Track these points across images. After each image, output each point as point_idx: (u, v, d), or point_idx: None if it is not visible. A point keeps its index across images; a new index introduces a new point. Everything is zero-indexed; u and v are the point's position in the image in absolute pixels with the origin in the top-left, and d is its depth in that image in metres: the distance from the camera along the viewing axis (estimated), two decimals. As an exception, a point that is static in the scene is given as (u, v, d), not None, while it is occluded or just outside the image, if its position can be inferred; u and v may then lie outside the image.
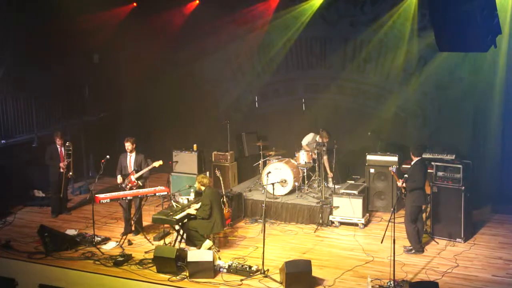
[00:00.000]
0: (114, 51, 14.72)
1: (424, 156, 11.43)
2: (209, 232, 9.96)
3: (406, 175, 9.90)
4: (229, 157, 13.53)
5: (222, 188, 11.66)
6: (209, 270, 9.04)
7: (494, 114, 11.97)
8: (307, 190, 12.44)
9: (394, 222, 8.60)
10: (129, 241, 10.62)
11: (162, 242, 10.38)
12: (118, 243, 10.54)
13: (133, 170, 11.04)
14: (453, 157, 11.52)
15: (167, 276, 9.10)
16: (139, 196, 10.89)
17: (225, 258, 9.68)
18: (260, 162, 12.98)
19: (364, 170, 12.29)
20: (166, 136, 15.02)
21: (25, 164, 13.14)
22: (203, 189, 10.01)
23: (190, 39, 14.50)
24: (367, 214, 11.59)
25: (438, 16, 6.87)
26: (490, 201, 11.93)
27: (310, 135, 12.92)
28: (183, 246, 10.17)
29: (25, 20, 12.77)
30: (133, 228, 11.08)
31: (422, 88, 12.91)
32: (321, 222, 11.36)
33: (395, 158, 11.92)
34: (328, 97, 13.74)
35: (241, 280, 8.94)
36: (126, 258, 9.70)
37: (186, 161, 13.34)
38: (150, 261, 9.55)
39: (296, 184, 12.24)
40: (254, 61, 14.53)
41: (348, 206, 11.23)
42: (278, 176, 12.07)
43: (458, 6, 6.59)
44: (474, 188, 10.72)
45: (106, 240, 10.72)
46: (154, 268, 9.36)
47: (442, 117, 12.79)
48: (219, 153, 13.68)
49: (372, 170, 12.07)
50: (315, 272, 8.94)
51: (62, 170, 12.08)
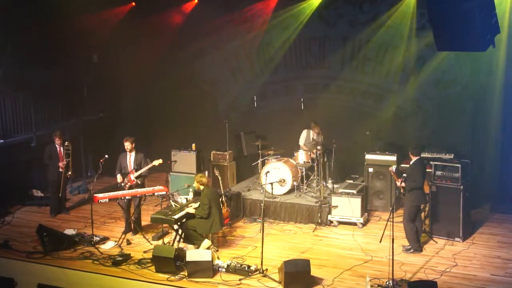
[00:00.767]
0: (113, 51, 14.71)
1: (423, 155, 11.45)
2: (207, 231, 9.96)
3: (405, 175, 9.90)
4: (227, 156, 13.53)
5: (221, 187, 11.66)
6: (207, 269, 9.04)
7: (493, 114, 11.96)
8: (306, 189, 12.44)
9: (393, 222, 8.62)
10: (127, 240, 10.61)
11: (160, 242, 10.38)
12: (116, 243, 10.53)
13: (132, 169, 11.06)
14: (451, 156, 11.54)
15: (166, 275, 9.10)
16: (138, 195, 10.89)
17: (224, 258, 9.68)
18: (258, 161, 12.97)
19: (363, 170, 12.30)
20: (165, 135, 15.02)
21: (23, 163, 13.14)
22: (202, 188, 10.00)
23: (189, 39, 14.50)
24: (366, 214, 11.59)
25: (437, 15, 6.86)
26: (489, 200, 11.93)
27: (304, 132, 12.97)
28: (182, 245, 10.16)
29: (24, 20, 12.75)
30: (132, 227, 11.08)
31: (421, 87, 12.91)
32: (319, 221, 11.36)
33: (394, 158, 11.93)
34: (327, 96, 13.73)
35: (240, 279, 8.94)
36: (125, 258, 9.69)
37: (185, 160, 13.34)
38: (149, 260, 9.54)
39: (294, 183, 12.24)
40: (253, 60, 14.53)
41: (347, 206, 11.24)
42: (276, 175, 12.07)
43: (457, 6, 6.59)
44: (473, 187, 10.72)
45: (104, 239, 10.71)
46: (153, 267, 9.36)
47: (441, 116, 12.79)
48: (218, 152, 13.69)
49: (370, 170, 12.08)
50: (314, 271, 8.94)
51: (61, 170, 12.09)
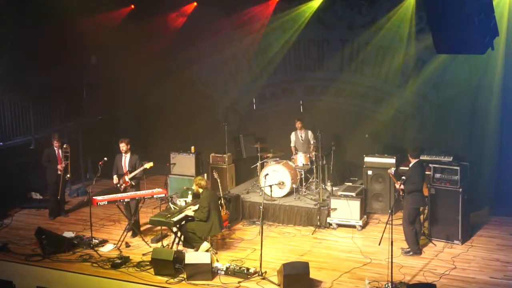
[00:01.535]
0: (112, 53, 14.71)
1: (422, 158, 11.45)
2: (206, 234, 9.95)
3: (403, 177, 9.90)
4: (226, 159, 13.54)
5: (220, 190, 11.66)
6: (206, 272, 9.03)
7: (492, 116, 11.97)
8: (305, 192, 12.44)
9: (392, 224, 8.62)
10: (126, 243, 10.60)
11: (159, 244, 10.37)
12: (115, 246, 10.53)
13: (127, 170, 11.11)
14: (450, 159, 11.54)
15: (165, 278, 9.09)
16: (136, 198, 10.90)
17: (223, 260, 9.67)
18: (257, 164, 12.97)
19: (362, 172, 12.30)
20: (164, 138, 15.02)
21: (22, 166, 13.13)
22: (201, 191, 9.99)
23: (188, 41, 14.50)
24: (365, 216, 11.59)
25: (436, 18, 6.88)
26: (488, 203, 11.93)
27: (292, 135, 13.00)
28: (181, 248, 10.15)
29: (23, 22, 12.75)
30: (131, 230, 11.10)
31: (420, 90, 12.90)
32: (319, 224, 11.36)
33: (393, 160, 11.94)
34: (326, 99, 13.73)
35: (238, 282, 8.94)
36: (124, 261, 9.69)
37: (183, 163, 13.35)
38: (148, 263, 9.54)
39: (293, 186, 12.24)
40: (251, 63, 14.53)
41: (346, 208, 11.24)
42: (275, 178, 12.07)
43: (456, 9, 6.60)
44: (471, 190, 10.72)
45: (103, 242, 10.71)
46: (152, 270, 9.35)
47: (440, 119, 12.78)
48: (217, 155, 13.70)
49: (370, 172, 12.08)
50: (313, 274, 8.94)
51: (59, 172, 12.09)
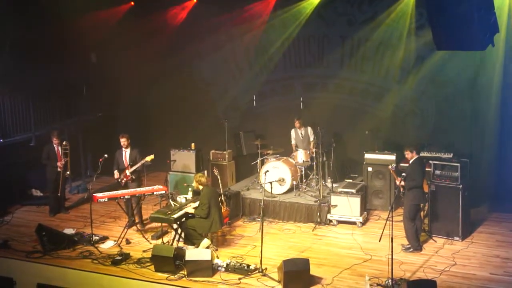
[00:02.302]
0: (112, 51, 14.70)
1: (422, 154, 11.47)
2: (207, 231, 9.96)
3: (404, 174, 9.91)
4: (227, 156, 13.55)
5: (220, 187, 11.66)
6: (207, 269, 9.04)
7: (492, 113, 11.96)
8: (305, 188, 12.44)
9: (392, 221, 8.62)
10: (127, 240, 10.61)
11: (160, 241, 10.38)
12: (116, 242, 10.54)
13: (128, 164, 11.16)
14: (451, 155, 11.55)
15: (165, 275, 9.10)
16: (137, 195, 10.92)
17: (223, 257, 9.68)
18: (258, 160, 12.98)
19: (362, 169, 12.31)
20: (164, 135, 15.02)
21: (22, 163, 13.14)
22: (201, 188, 10.00)
23: (188, 38, 14.49)
24: (365, 213, 11.59)
25: (436, 14, 6.86)
26: (488, 199, 11.92)
27: (292, 132, 12.98)
28: (181, 245, 10.17)
29: (23, 20, 12.74)
30: (136, 219, 11.23)
31: (420, 86, 12.91)
32: (319, 220, 11.37)
33: (393, 157, 11.94)
34: (326, 95, 13.74)
35: (239, 278, 8.95)
36: (124, 257, 9.70)
37: (184, 160, 13.36)
38: (148, 260, 9.55)
39: (294, 182, 12.25)
40: (251, 60, 14.53)
41: (346, 205, 11.24)
42: (276, 174, 12.08)
43: (456, 5, 6.59)
44: (472, 186, 10.72)
45: (104, 239, 10.71)
46: (152, 267, 9.36)
47: (440, 115, 12.79)
48: (217, 152, 13.70)
49: (370, 169, 12.08)
50: (313, 270, 8.95)
51: (59, 169, 12.09)
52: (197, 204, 10.09)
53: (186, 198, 10.81)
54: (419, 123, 13.07)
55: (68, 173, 12.25)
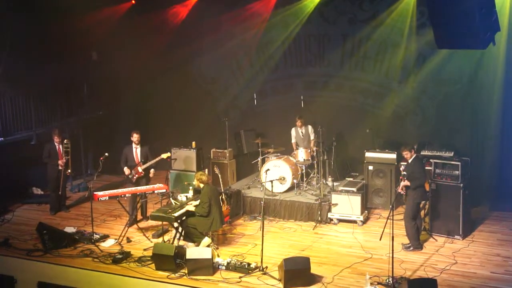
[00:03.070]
0: (113, 49, 14.69)
1: (423, 153, 11.49)
2: (207, 229, 9.96)
3: (404, 173, 9.90)
4: (227, 154, 13.55)
5: (221, 185, 11.67)
6: (208, 267, 9.04)
7: (493, 111, 11.96)
8: (306, 187, 12.45)
9: (393, 219, 8.62)
10: (127, 238, 10.62)
11: (160, 240, 10.38)
12: (116, 241, 10.54)
13: (140, 161, 11.23)
14: (451, 154, 11.55)
15: (166, 273, 9.10)
16: (137, 193, 10.93)
17: (224, 255, 9.68)
18: (258, 159, 12.98)
19: (362, 167, 12.31)
20: (164, 133, 15.01)
21: (23, 161, 13.14)
22: (202, 186, 10.00)
23: (189, 37, 14.47)
24: (366, 212, 11.60)
25: (437, 13, 6.86)
26: (489, 198, 11.93)
27: (292, 131, 12.97)
28: (182, 243, 10.17)
29: (23, 18, 12.73)
30: (140, 216, 11.34)
31: (421, 85, 12.89)
32: (319, 219, 11.37)
33: (394, 156, 11.95)
34: (326, 94, 13.73)
35: (240, 277, 8.95)
36: (125, 256, 9.70)
37: (184, 158, 13.36)
38: (149, 258, 9.55)
39: (294, 181, 12.25)
40: (252, 58, 14.52)
41: (346, 204, 11.24)
42: (276, 173, 12.08)
43: (457, 3, 6.59)
44: (472, 185, 10.72)
45: (104, 237, 10.71)
46: (153, 265, 9.37)
47: (441, 114, 12.77)
48: (218, 150, 13.71)
49: (370, 167, 12.09)
50: (314, 269, 8.95)
51: (60, 168, 12.10)
52: (197, 202, 10.09)
53: (186, 196, 10.81)
54: (420, 122, 13.05)
55: (69, 171, 12.26)
